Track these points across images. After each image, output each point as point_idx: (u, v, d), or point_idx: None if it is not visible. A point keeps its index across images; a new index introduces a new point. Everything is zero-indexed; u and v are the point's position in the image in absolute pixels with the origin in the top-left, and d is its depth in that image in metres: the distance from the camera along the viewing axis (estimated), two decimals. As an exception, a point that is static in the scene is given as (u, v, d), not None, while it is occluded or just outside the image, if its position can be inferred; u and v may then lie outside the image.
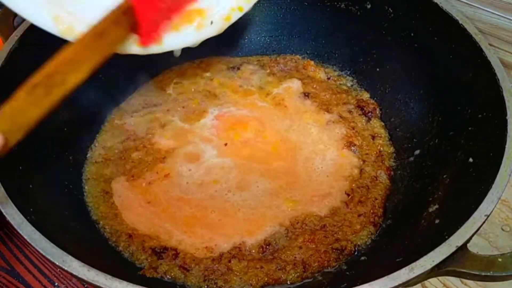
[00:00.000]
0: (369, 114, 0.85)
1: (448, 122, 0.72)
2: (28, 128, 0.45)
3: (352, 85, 0.91)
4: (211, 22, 0.59)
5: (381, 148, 0.80)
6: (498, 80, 0.61)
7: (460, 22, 0.69)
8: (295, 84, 0.90)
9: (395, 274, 0.46)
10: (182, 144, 0.80)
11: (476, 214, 0.50)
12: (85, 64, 0.47)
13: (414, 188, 0.71)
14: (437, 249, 0.48)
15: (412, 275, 0.46)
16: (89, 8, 0.51)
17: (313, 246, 0.66)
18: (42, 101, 0.45)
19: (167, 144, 0.80)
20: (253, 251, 0.66)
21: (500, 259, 0.48)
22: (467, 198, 0.55)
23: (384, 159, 0.78)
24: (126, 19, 0.51)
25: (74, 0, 0.51)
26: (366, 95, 0.88)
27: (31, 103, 0.44)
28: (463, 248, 0.48)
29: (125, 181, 0.75)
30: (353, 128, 0.82)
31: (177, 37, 0.57)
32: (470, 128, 0.65)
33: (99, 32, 0.48)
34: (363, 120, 0.84)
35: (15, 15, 0.76)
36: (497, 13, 0.88)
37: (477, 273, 0.48)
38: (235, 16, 0.61)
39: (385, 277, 0.45)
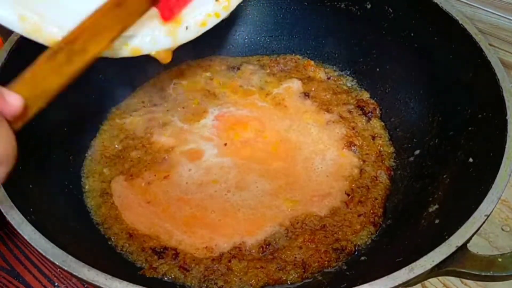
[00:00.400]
0: (369, 114, 0.85)
1: (448, 122, 0.72)
2: (49, 96, 0.45)
3: (352, 85, 0.91)
4: (186, 28, 0.58)
5: (381, 148, 0.80)
6: (498, 80, 0.61)
7: (460, 22, 0.69)
8: (295, 84, 0.90)
9: (395, 274, 0.46)
10: (181, 144, 0.80)
11: (476, 214, 0.50)
12: (106, 33, 0.48)
13: (414, 188, 0.71)
14: (437, 249, 0.48)
15: (412, 275, 0.46)
16: (56, 8, 0.50)
17: (313, 246, 0.66)
18: (63, 69, 0.45)
19: (167, 144, 0.80)
20: (253, 251, 0.66)
21: (500, 259, 0.48)
22: (467, 198, 0.55)
23: (384, 159, 0.78)
24: None
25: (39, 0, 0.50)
26: (366, 95, 0.88)
27: (52, 70, 0.44)
28: (463, 248, 0.48)
29: (123, 180, 0.75)
30: (353, 128, 0.82)
31: (151, 41, 0.56)
32: (470, 128, 0.65)
33: (117, 1, 0.48)
34: (363, 120, 0.84)
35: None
36: (497, 13, 0.88)
37: (477, 273, 0.48)
38: (211, 22, 0.59)
39: (385, 277, 0.45)
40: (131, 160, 0.78)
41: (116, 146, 0.81)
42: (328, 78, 0.92)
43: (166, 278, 0.64)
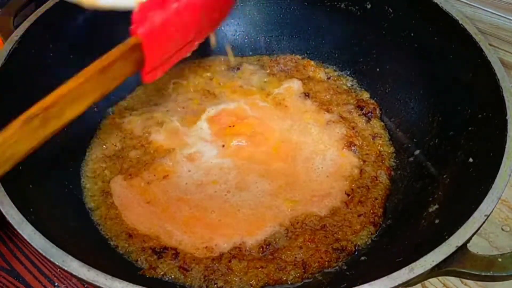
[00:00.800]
0: (369, 114, 0.85)
1: (448, 122, 0.72)
2: (16, 161, 0.43)
3: (352, 85, 0.91)
4: None
5: (381, 148, 0.80)
6: (498, 80, 0.61)
7: (460, 22, 0.69)
8: (296, 84, 0.90)
9: (395, 274, 0.46)
10: (181, 145, 0.80)
11: (476, 214, 0.50)
12: (86, 98, 0.46)
13: (414, 188, 0.71)
14: (437, 249, 0.48)
15: (412, 275, 0.46)
16: None
17: (313, 246, 0.66)
18: (35, 134, 0.43)
19: (166, 144, 0.80)
20: (253, 251, 0.66)
21: (500, 259, 0.48)
22: (467, 198, 0.55)
23: (384, 159, 0.78)
24: (133, 56, 0.49)
25: None
26: (366, 95, 0.88)
27: (24, 135, 0.42)
28: (463, 248, 0.48)
29: (123, 180, 0.75)
30: (353, 128, 0.82)
31: None
32: (470, 128, 0.65)
33: (104, 66, 0.46)
34: (363, 120, 0.84)
35: (15, 15, 0.76)
36: (497, 13, 0.88)
37: (477, 273, 0.48)
38: None
39: (385, 277, 0.46)
40: (130, 160, 0.78)
41: (115, 145, 0.81)
42: (328, 78, 0.92)
43: (166, 278, 0.64)
